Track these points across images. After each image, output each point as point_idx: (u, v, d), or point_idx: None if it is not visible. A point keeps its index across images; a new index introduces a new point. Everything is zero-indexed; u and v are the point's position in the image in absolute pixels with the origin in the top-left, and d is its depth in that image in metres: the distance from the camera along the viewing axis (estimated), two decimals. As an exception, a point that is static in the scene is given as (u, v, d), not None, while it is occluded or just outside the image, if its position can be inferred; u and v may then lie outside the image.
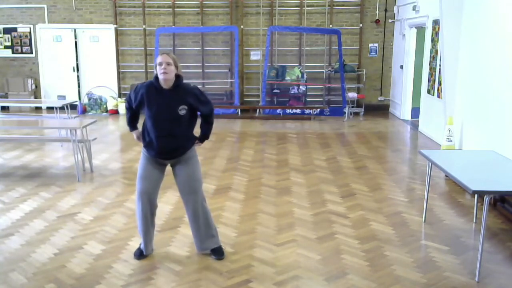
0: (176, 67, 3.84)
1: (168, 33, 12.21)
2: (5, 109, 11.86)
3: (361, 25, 12.21)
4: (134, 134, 4.21)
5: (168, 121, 3.86)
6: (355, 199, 5.74)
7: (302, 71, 11.88)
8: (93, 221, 5.02)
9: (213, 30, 12.02)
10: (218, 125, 10.49)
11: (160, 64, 3.78)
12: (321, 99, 12.48)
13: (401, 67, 11.31)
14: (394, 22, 12.10)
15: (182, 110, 3.85)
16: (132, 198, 5.71)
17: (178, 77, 3.88)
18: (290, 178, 6.60)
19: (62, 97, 12.52)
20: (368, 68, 12.37)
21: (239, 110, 11.99)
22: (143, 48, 12.46)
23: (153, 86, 3.89)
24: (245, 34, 12.33)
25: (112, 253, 4.26)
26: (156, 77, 3.86)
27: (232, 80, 12.16)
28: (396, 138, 9.61)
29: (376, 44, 12.36)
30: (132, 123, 4.20)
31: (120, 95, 12.62)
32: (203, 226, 4.11)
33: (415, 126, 10.33)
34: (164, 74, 3.78)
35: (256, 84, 12.56)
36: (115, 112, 12.20)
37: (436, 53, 8.80)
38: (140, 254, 4.15)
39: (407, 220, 5.09)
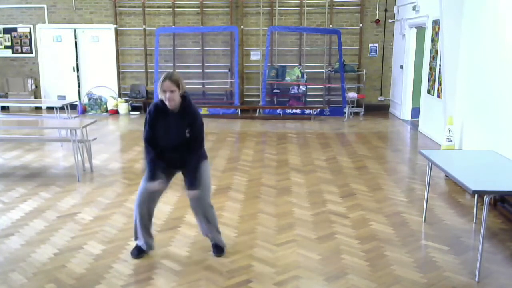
0: (180, 88, 3.80)
1: (168, 33, 12.21)
2: (5, 109, 11.85)
3: (361, 25, 12.21)
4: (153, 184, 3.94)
5: (176, 141, 3.89)
6: (355, 199, 5.74)
7: (302, 71, 11.87)
8: (93, 221, 5.02)
9: (213, 30, 12.02)
10: (218, 125, 10.50)
11: (164, 92, 3.76)
12: (321, 99, 12.47)
13: (401, 67, 11.31)
14: (394, 22, 12.10)
15: (189, 130, 3.88)
16: (132, 198, 5.71)
17: (184, 98, 3.87)
18: (290, 178, 6.60)
19: (62, 97, 12.51)
20: (368, 68, 12.37)
21: (239, 110, 11.99)
22: (143, 48, 12.46)
23: (160, 108, 3.88)
24: (245, 34, 12.33)
25: (112, 253, 4.26)
26: (162, 101, 3.84)
27: (232, 80, 12.16)
28: (396, 138, 9.61)
29: (376, 44, 12.35)
30: (155, 167, 3.89)
31: (120, 95, 12.62)
32: (209, 228, 4.18)
33: (415, 126, 10.33)
34: (169, 103, 3.79)
35: (256, 84, 12.56)
36: (115, 112, 12.20)
37: (436, 53, 8.80)
38: (138, 254, 4.15)
39: (407, 220, 5.09)
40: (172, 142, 3.90)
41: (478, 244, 3.90)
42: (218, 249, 4.19)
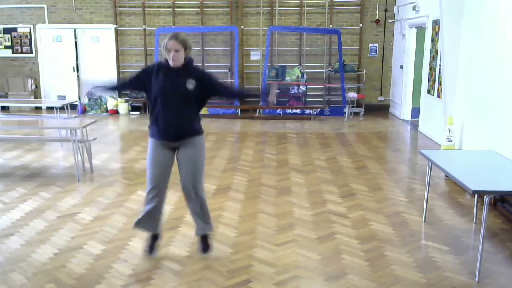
0: (186, 49, 3.86)
1: (168, 33, 12.18)
2: (5, 109, 11.85)
3: (361, 25, 12.21)
4: (99, 86, 4.18)
5: (174, 94, 3.85)
6: (355, 199, 5.74)
7: (302, 71, 11.87)
8: (93, 221, 5.02)
9: (213, 30, 12.02)
10: (218, 125, 10.49)
11: (169, 51, 3.81)
12: (321, 99, 12.48)
13: (401, 67, 11.31)
14: (394, 22, 12.10)
15: (190, 84, 3.86)
16: (132, 198, 5.72)
17: (189, 60, 3.93)
18: (290, 178, 6.60)
19: (62, 97, 12.51)
20: (368, 68, 12.37)
21: (239, 110, 11.99)
22: (143, 48, 12.47)
23: (163, 64, 3.94)
24: (245, 34, 12.33)
25: (112, 253, 4.26)
26: (166, 59, 3.91)
27: (232, 80, 12.16)
28: (396, 138, 9.61)
29: (376, 44, 12.35)
30: (114, 87, 4.34)
31: (120, 95, 12.62)
32: (200, 212, 4.11)
33: (415, 126, 10.33)
34: (173, 62, 3.83)
35: (256, 84, 12.55)
36: (115, 112, 12.20)
37: (436, 53, 8.80)
38: (150, 251, 4.14)
39: (407, 220, 5.09)
40: (170, 96, 3.83)
41: (478, 244, 3.90)
42: (205, 245, 4.15)
